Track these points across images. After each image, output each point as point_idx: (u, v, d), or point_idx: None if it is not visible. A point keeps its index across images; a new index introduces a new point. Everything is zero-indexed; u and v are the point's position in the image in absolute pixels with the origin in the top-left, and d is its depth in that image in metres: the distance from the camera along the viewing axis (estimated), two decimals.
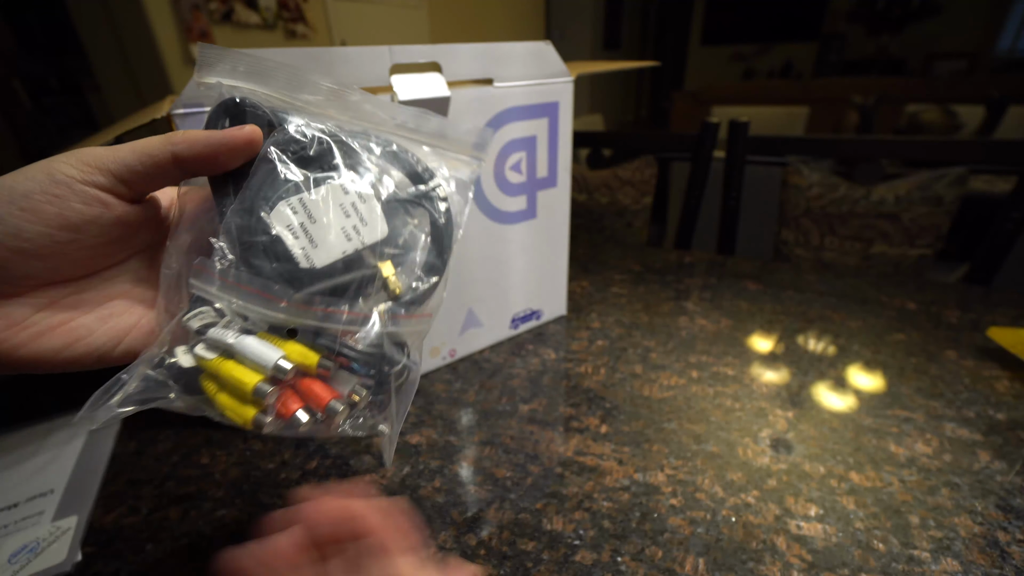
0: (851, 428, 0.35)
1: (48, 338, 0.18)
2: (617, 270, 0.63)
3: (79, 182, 0.17)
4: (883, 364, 0.42)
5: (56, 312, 0.18)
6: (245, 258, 0.19)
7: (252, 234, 0.19)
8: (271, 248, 0.19)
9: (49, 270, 0.18)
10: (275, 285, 0.18)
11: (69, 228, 0.17)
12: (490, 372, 0.44)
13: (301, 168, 0.20)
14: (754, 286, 0.57)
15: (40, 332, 0.18)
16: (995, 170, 0.95)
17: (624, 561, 0.27)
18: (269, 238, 0.19)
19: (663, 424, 0.36)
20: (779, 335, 0.47)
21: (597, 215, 1.02)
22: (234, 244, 0.19)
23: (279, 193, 0.19)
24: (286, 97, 0.21)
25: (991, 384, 0.39)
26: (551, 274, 0.49)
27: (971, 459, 0.32)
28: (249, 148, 0.19)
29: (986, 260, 0.71)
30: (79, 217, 0.17)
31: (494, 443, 0.36)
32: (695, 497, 0.30)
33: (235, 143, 0.18)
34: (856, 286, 0.56)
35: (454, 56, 0.34)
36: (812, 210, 0.84)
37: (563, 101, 0.42)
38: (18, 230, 0.16)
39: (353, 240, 0.20)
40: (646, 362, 0.44)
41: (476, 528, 0.29)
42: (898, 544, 0.27)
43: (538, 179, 0.43)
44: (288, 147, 0.20)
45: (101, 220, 0.18)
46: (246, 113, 0.19)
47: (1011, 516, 0.28)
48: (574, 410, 0.38)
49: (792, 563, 0.26)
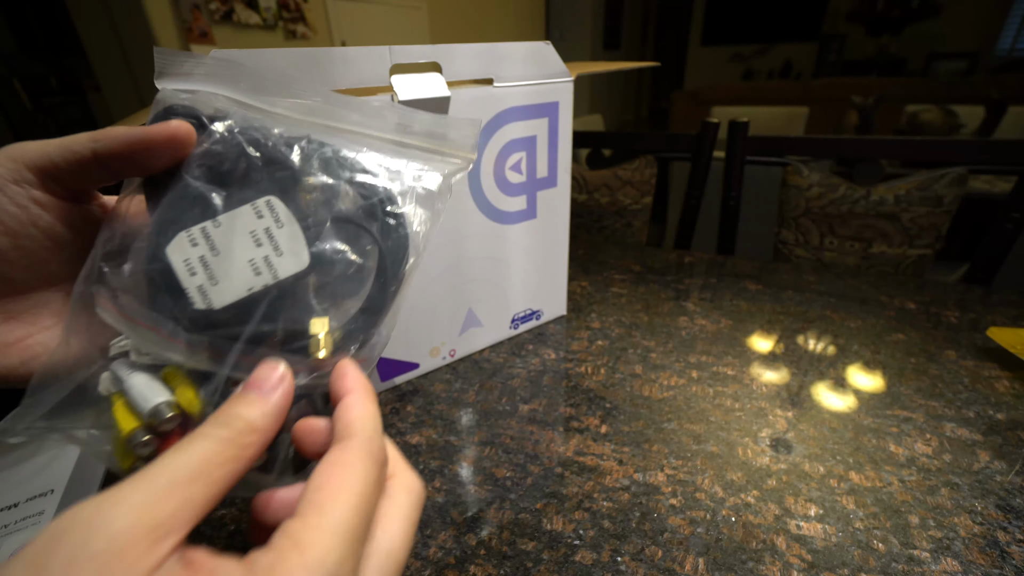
0: (851, 428, 0.35)
1: (5, 354, 0.17)
2: (617, 270, 0.63)
3: (10, 182, 0.16)
4: (883, 364, 0.42)
5: (14, 327, 0.17)
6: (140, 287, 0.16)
7: (151, 262, 0.16)
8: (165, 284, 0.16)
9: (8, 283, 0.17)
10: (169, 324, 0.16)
11: (7, 233, 0.16)
12: (490, 372, 0.44)
13: (217, 185, 0.17)
14: (754, 286, 0.57)
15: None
16: (995, 170, 0.95)
17: (624, 561, 0.27)
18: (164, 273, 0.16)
19: (663, 424, 0.36)
20: (779, 335, 0.47)
21: (597, 215, 1.02)
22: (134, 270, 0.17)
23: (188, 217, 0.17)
24: (251, 100, 0.19)
25: (991, 384, 0.39)
26: (551, 274, 0.49)
27: (971, 459, 0.32)
28: (172, 146, 0.17)
29: (986, 260, 0.71)
30: (14, 220, 0.16)
31: (494, 443, 0.36)
32: (695, 497, 0.30)
33: (154, 140, 0.16)
34: (856, 286, 0.56)
35: (454, 56, 0.34)
36: (812, 210, 0.84)
37: (563, 101, 0.42)
38: None
39: (263, 274, 0.17)
40: (646, 362, 0.44)
41: (476, 528, 0.29)
42: (898, 544, 0.27)
43: (538, 179, 0.43)
44: (205, 160, 0.17)
45: (40, 222, 0.17)
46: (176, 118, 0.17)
47: (1011, 516, 0.28)
48: (574, 410, 0.38)
49: (792, 563, 0.26)
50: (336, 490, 0.13)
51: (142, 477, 0.12)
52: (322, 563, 0.11)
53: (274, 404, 0.15)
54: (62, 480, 0.34)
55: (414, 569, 0.27)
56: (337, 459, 0.14)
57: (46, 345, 0.18)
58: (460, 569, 0.27)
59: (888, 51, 3.52)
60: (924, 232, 0.79)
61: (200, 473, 0.12)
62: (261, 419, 0.14)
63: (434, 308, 0.42)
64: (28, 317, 0.18)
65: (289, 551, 0.11)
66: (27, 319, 0.18)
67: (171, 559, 0.11)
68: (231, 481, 0.13)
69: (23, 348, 0.17)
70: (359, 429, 0.15)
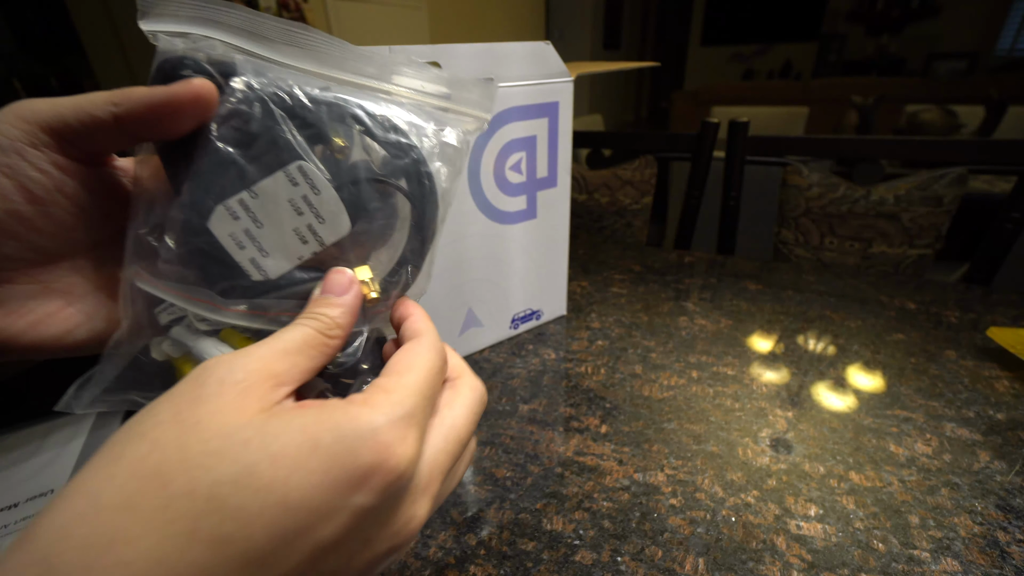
0: (851, 428, 0.35)
1: (47, 325, 0.17)
2: (617, 270, 0.63)
3: (27, 145, 0.15)
4: (883, 364, 0.42)
5: (52, 297, 0.17)
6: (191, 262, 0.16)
7: (195, 235, 0.16)
8: (216, 259, 0.16)
9: (29, 249, 0.16)
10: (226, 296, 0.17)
11: (35, 201, 0.16)
12: (490, 372, 0.44)
13: (243, 148, 0.16)
14: (754, 286, 0.57)
15: (39, 319, 0.17)
16: (995, 170, 0.95)
17: (624, 561, 0.27)
18: (213, 247, 0.16)
19: (663, 424, 0.36)
20: (779, 335, 0.47)
21: (597, 215, 1.02)
22: (179, 243, 0.16)
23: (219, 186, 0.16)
24: (247, 45, 0.17)
25: (991, 384, 0.39)
26: (551, 274, 0.49)
27: (971, 459, 0.32)
28: (197, 107, 0.16)
29: (986, 260, 0.71)
30: (39, 187, 0.16)
31: (494, 443, 0.36)
32: (695, 497, 0.30)
33: (179, 101, 0.15)
34: (856, 286, 0.56)
35: (454, 56, 0.34)
36: (812, 210, 0.84)
37: (563, 101, 0.42)
38: None
39: (310, 242, 0.18)
40: (646, 362, 0.44)
41: (476, 528, 0.29)
42: (898, 544, 0.27)
43: (538, 179, 0.43)
44: (230, 121, 0.16)
45: (65, 188, 0.16)
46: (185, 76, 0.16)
47: (1011, 516, 0.28)
48: (574, 410, 0.38)
49: (792, 563, 0.26)
50: (410, 364, 0.17)
51: (261, 344, 0.15)
52: (401, 404, 0.15)
53: (349, 304, 0.18)
54: (62, 480, 0.34)
55: (414, 569, 0.27)
56: (412, 346, 0.18)
57: (88, 313, 0.18)
58: (460, 569, 0.27)
59: (888, 51, 3.52)
60: (924, 232, 0.79)
61: (302, 347, 0.16)
62: (340, 316, 0.17)
63: (434, 308, 0.42)
64: (63, 286, 0.18)
65: (378, 393, 0.15)
66: (62, 288, 0.18)
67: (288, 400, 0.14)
68: (321, 362, 0.16)
69: (64, 318, 0.17)
70: (426, 330, 0.19)
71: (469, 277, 0.43)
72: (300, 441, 0.13)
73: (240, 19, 0.17)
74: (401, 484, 0.14)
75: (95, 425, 0.38)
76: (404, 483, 0.14)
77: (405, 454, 0.14)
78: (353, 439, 0.13)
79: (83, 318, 0.18)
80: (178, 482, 0.11)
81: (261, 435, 0.13)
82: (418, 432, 0.15)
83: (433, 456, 0.16)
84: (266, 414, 0.13)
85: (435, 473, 0.16)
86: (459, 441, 0.17)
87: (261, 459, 0.12)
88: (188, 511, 0.11)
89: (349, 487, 0.13)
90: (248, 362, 0.14)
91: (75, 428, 0.38)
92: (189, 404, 0.13)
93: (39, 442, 0.37)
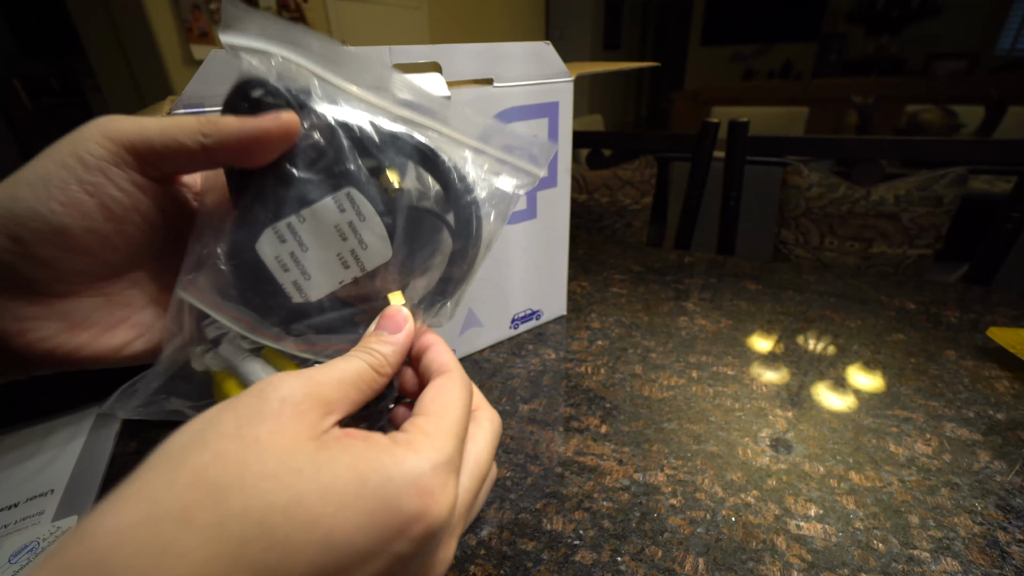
0: (851, 428, 0.35)
1: (108, 337, 0.17)
2: (617, 270, 0.63)
3: (111, 164, 0.15)
4: (883, 364, 0.42)
5: (115, 309, 0.18)
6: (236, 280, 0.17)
7: (241, 257, 0.17)
8: (260, 280, 0.17)
9: (101, 265, 0.17)
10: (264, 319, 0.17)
11: (113, 219, 0.16)
12: (490, 372, 0.44)
13: (305, 174, 0.17)
14: (754, 286, 0.57)
15: (100, 332, 0.17)
16: (995, 170, 0.95)
17: (624, 561, 0.27)
18: (258, 268, 0.17)
19: (663, 424, 0.36)
20: (779, 335, 0.47)
21: (597, 215, 1.02)
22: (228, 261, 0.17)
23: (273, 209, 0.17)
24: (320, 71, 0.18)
25: (991, 384, 0.39)
26: (551, 274, 0.49)
27: (971, 459, 0.32)
28: (284, 141, 0.16)
29: (986, 260, 0.71)
30: (118, 206, 0.16)
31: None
32: (695, 497, 0.30)
33: (269, 136, 0.16)
34: (856, 286, 0.56)
35: (454, 56, 0.34)
36: (812, 210, 0.84)
37: (563, 101, 0.42)
38: (63, 227, 0.15)
39: (351, 267, 0.18)
40: (646, 362, 0.44)
41: (476, 528, 0.29)
42: (898, 544, 0.27)
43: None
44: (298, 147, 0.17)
45: (142, 207, 0.17)
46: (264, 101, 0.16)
47: (1011, 516, 0.28)
48: (574, 410, 0.38)
49: (792, 563, 0.26)
50: (446, 404, 0.17)
51: (318, 369, 0.16)
52: (442, 449, 0.15)
53: (401, 343, 0.18)
54: (62, 480, 0.34)
55: None
56: (444, 383, 0.18)
57: (146, 325, 0.18)
58: (460, 569, 0.27)
59: (888, 51, 3.52)
60: (924, 232, 0.79)
61: (356, 380, 0.16)
62: (392, 354, 0.18)
63: None
64: (124, 298, 0.18)
65: (419, 435, 0.15)
66: (123, 300, 0.18)
67: (335, 428, 0.15)
68: (369, 396, 0.17)
69: (124, 330, 0.18)
70: (453, 366, 0.19)
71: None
72: (348, 478, 0.13)
73: (320, 46, 0.17)
74: (440, 533, 0.15)
75: (95, 425, 0.38)
76: (442, 532, 0.15)
77: (446, 503, 0.14)
78: (400, 483, 0.13)
79: (142, 329, 0.18)
80: (234, 501, 0.12)
81: (314, 465, 0.13)
82: (456, 477, 0.15)
83: (462, 496, 0.16)
84: (317, 442, 0.14)
85: (462, 512, 0.16)
86: (481, 477, 0.18)
87: (312, 490, 0.12)
88: (239, 533, 0.11)
89: (392, 533, 0.13)
90: (308, 386, 0.15)
91: (75, 428, 0.38)
92: (251, 419, 0.13)
93: (39, 442, 0.37)
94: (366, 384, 0.16)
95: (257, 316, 0.17)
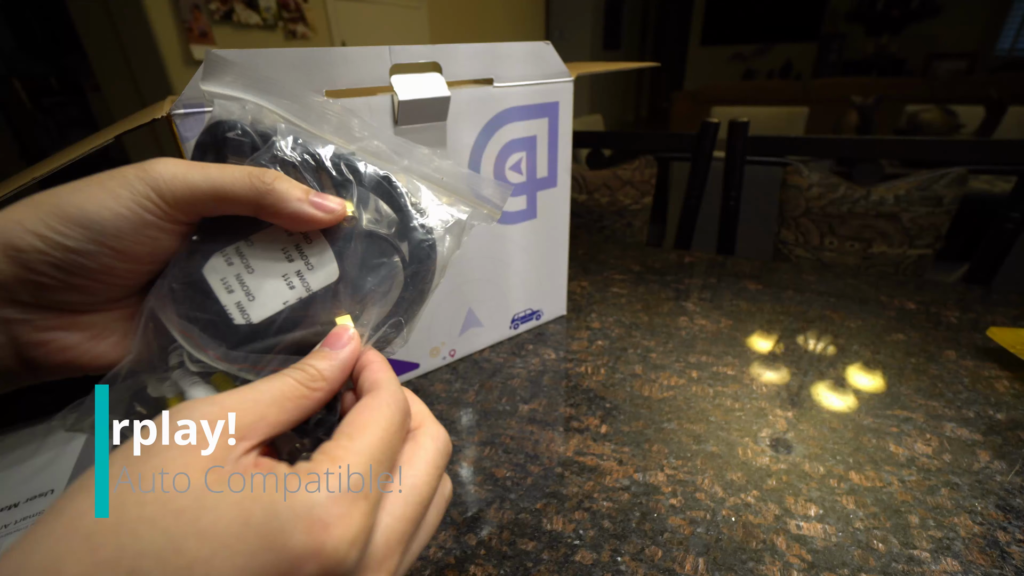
0: (851, 428, 0.35)
1: (128, 343, 0.19)
2: (617, 270, 0.63)
3: (168, 221, 0.17)
4: (883, 364, 0.42)
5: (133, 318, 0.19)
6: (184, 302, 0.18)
7: (191, 276, 0.18)
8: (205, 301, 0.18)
9: (129, 289, 0.18)
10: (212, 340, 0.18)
11: (158, 262, 0.18)
12: (490, 372, 0.44)
13: None
14: (754, 286, 0.57)
15: (119, 340, 0.19)
16: (995, 170, 0.95)
17: (624, 561, 0.27)
18: (203, 289, 0.18)
19: (663, 424, 0.36)
20: (779, 335, 0.47)
21: (597, 215, 1.02)
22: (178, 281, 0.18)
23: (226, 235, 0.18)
24: (289, 115, 0.19)
25: (991, 384, 0.39)
26: (551, 274, 0.49)
27: (971, 459, 0.32)
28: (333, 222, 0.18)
29: (986, 260, 0.71)
30: (166, 252, 0.18)
31: (494, 443, 0.36)
32: (695, 497, 0.30)
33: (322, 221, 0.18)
34: (856, 286, 0.56)
35: (454, 56, 0.34)
36: (812, 210, 0.84)
37: (563, 101, 0.42)
38: (110, 268, 0.17)
39: (296, 288, 0.18)
40: (646, 362, 0.44)
41: (476, 528, 0.29)
42: (898, 544, 0.27)
43: (538, 179, 0.43)
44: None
45: (162, 253, 0.18)
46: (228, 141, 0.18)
47: (1011, 516, 0.28)
48: (574, 410, 0.38)
49: (792, 563, 0.26)
50: (365, 424, 0.16)
51: (232, 392, 0.15)
52: (345, 476, 0.14)
53: (341, 359, 0.17)
54: (62, 480, 0.34)
55: (414, 569, 0.27)
56: (368, 402, 0.16)
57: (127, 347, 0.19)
58: (460, 569, 0.27)
59: (888, 51, 3.52)
60: (924, 232, 0.79)
61: (277, 399, 0.15)
62: (328, 370, 0.17)
63: (434, 308, 0.42)
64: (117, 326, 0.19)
65: (323, 461, 0.14)
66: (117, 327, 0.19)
67: (247, 455, 0.14)
68: (298, 416, 0.16)
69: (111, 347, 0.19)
70: (385, 383, 0.17)
71: (469, 277, 0.43)
72: (231, 517, 0.12)
73: (290, 94, 0.19)
74: (343, 570, 0.13)
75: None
76: (347, 568, 0.13)
77: (344, 536, 0.13)
78: (286, 518, 0.12)
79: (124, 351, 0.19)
80: (106, 549, 0.11)
81: (196, 506, 0.12)
82: (366, 505, 0.14)
83: (390, 526, 0.15)
84: (213, 475, 0.13)
85: (392, 544, 0.15)
86: (420, 503, 0.16)
87: (190, 533, 0.12)
88: None
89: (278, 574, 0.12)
90: (209, 410, 0.14)
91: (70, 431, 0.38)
92: (139, 457, 0.13)
93: (39, 442, 0.37)
94: (291, 402, 0.15)
95: (205, 336, 0.18)
